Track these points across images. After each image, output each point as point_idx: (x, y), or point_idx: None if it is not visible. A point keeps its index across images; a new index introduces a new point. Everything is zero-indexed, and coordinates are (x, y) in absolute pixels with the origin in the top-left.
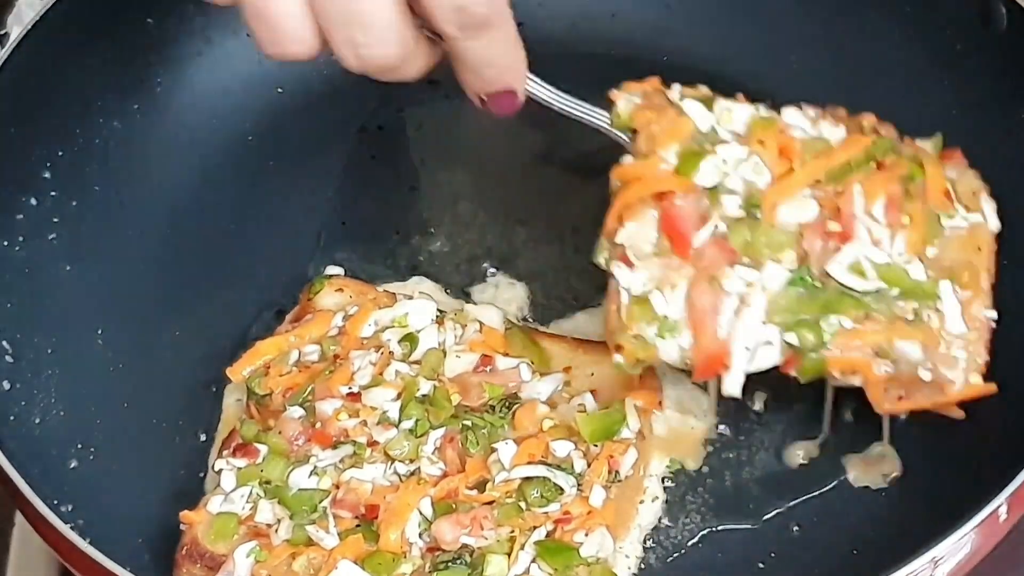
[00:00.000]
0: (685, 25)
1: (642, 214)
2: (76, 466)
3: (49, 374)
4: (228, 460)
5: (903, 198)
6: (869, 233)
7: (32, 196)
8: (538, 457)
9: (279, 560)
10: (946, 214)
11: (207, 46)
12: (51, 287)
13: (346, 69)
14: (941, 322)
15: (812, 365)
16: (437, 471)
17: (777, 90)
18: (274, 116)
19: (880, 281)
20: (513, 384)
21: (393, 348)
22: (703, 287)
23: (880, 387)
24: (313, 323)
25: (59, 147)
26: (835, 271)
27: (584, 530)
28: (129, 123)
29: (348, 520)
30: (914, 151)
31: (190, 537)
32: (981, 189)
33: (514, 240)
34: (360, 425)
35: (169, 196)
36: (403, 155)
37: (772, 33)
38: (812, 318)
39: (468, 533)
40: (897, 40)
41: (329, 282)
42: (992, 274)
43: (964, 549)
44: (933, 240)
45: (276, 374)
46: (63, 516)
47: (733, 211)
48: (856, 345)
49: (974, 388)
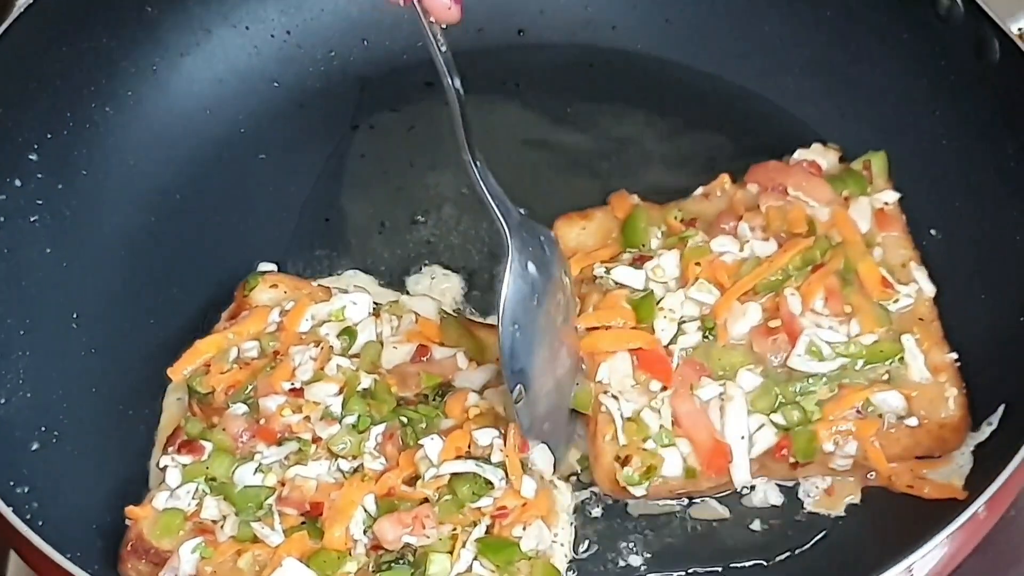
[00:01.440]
0: (684, 40)
1: (614, 354)
2: (37, 448)
3: (19, 355)
4: (173, 457)
5: (841, 289)
6: (817, 324)
7: (17, 177)
8: (464, 450)
9: (224, 557)
10: (889, 300)
11: (205, 36)
12: (29, 269)
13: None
14: (910, 372)
15: (804, 440)
16: (379, 466)
17: (771, 111)
18: (268, 109)
19: (842, 358)
20: (450, 373)
21: (332, 342)
22: (684, 395)
23: (877, 448)
24: (250, 320)
25: (48, 130)
26: (796, 363)
27: (522, 523)
28: (122, 109)
29: (293, 517)
30: (848, 235)
31: (135, 533)
32: (910, 258)
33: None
34: (303, 421)
35: (156, 185)
36: (393, 155)
37: (769, 54)
38: (792, 401)
39: (410, 532)
40: (893, 68)
41: (263, 278)
42: (939, 327)
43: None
44: (882, 324)
45: (217, 372)
46: (17, 498)
47: (691, 340)
48: (840, 411)
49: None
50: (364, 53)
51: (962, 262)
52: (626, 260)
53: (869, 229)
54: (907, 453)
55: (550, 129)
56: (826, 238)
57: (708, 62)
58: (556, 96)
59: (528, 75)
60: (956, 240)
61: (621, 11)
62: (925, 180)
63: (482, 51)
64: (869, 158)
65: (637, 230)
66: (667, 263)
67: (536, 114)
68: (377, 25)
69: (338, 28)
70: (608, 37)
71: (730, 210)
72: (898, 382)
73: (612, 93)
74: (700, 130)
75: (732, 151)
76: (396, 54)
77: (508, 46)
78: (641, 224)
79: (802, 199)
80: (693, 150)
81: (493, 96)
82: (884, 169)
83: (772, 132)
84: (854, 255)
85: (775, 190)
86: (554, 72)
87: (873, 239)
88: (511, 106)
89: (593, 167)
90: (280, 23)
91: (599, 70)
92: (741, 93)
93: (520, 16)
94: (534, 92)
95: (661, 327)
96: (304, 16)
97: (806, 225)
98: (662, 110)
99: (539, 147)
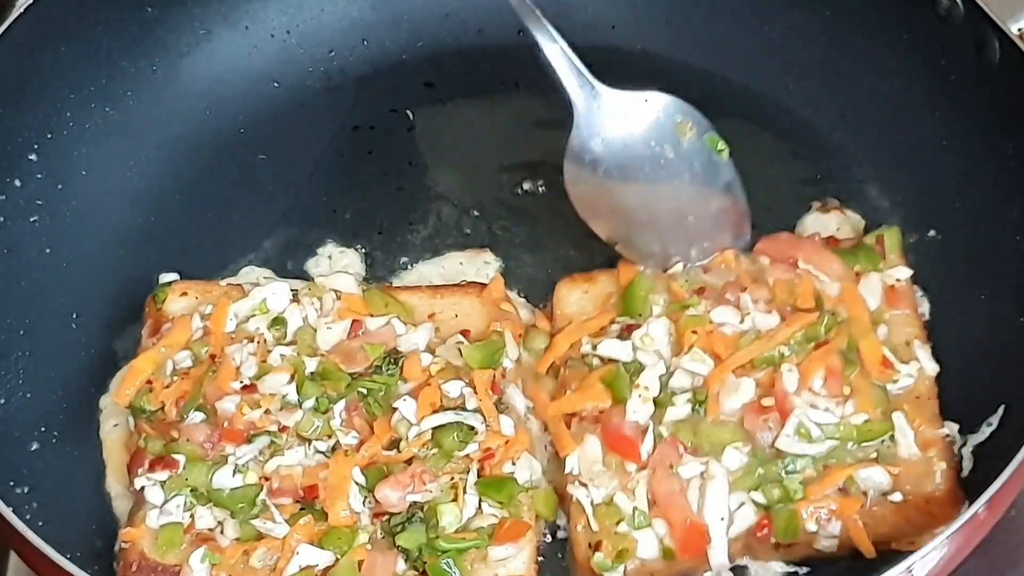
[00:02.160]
0: (684, 41)
1: (584, 440)
2: (37, 448)
3: (19, 355)
4: (148, 476)
5: (843, 368)
6: (812, 405)
7: (17, 177)
8: (438, 404)
9: (235, 559)
10: (889, 381)
11: (205, 37)
12: (28, 269)
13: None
14: (899, 448)
15: (785, 520)
16: (353, 440)
17: (772, 111)
18: (268, 110)
19: (831, 440)
20: (391, 340)
21: (266, 335)
22: (662, 476)
23: (860, 527)
24: (175, 330)
25: (48, 130)
26: (783, 444)
27: (510, 459)
28: (122, 110)
29: (290, 506)
30: (855, 312)
31: (137, 553)
32: (915, 335)
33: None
34: (265, 415)
35: (156, 185)
36: (393, 155)
37: (770, 55)
38: (774, 479)
39: (412, 491)
40: (893, 68)
41: (171, 288)
42: (935, 404)
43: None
44: (878, 406)
45: (160, 387)
46: (17, 498)
47: (680, 412)
48: (823, 490)
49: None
50: (364, 53)
51: (962, 262)
52: (614, 332)
53: (878, 306)
54: (896, 532)
55: (549, 128)
56: (832, 315)
57: (708, 62)
58: (556, 96)
59: (528, 75)
60: (955, 240)
61: (621, 11)
62: (925, 180)
63: (482, 51)
64: (883, 233)
65: (636, 299)
66: (656, 331)
67: (535, 114)
68: (376, 25)
69: (338, 28)
70: (608, 36)
71: (736, 281)
72: (886, 459)
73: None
74: None
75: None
76: (396, 54)
77: (508, 46)
78: (641, 292)
79: (812, 272)
80: None
81: (493, 96)
82: (898, 244)
83: (772, 132)
84: (858, 332)
85: (785, 262)
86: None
87: (881, 316)
88: (510, 106)
89: None
90: (280, 23)
91: (599, 70)
92: (741, 92)
93: (517, 16)
94: (534, 92)
95: (633, 408)
96: (304, 16)
97: (813, 300)
98: None
99: (538, 145)
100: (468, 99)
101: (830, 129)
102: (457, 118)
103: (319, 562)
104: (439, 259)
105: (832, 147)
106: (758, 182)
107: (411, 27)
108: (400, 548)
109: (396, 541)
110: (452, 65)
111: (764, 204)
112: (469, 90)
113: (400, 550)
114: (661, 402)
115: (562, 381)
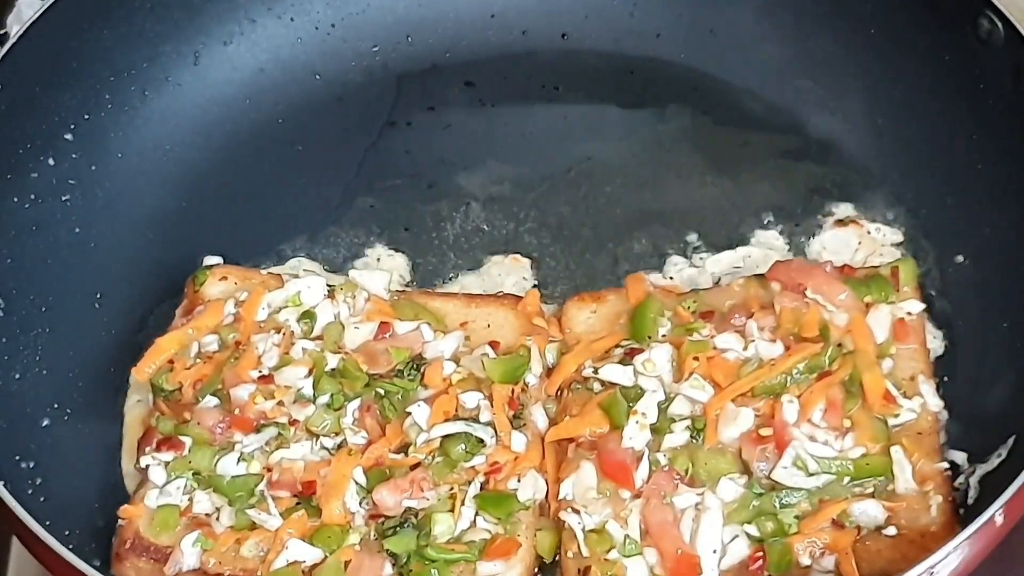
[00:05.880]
0: (727, 53)
1: (579, 467)
2: (47, 425)
3: (39, 332)
4: (153, 455)
5: (844, 401)
6: (811, 437)
7: (51, 156)
8: (452, 413)
9: (226, 546)
10: (891, 415)
11: (249, 26)
12: (56, 247)
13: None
14: (896, 483)
15: (778, 553)
16: (362, 440)
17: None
18: (307, 101)
19: (828, 474)
20: (417, 346)
21: (293, 327)
22: (656, 504)
23: (852, 564)
24: (207, 313)
25: (86, 111)
26: (779, 476)
27: (515, 476)
28: (161, 94)
29: (287, 499)
30: (860, 343)
31: (132, 531)
32: (920, 371)
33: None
34: (277, 406)
35: (190, 171)
36: (426, 153)
37: (811, 74)
38: (769, 512)
39: (409, 496)
40: (932, 89)
41: (212, 271)
42: (936, 440)
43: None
44: (878, 441)
45: (181, 368)
46: (21, 472)
47: (678, 439)
48: (817, 523)
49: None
50: (407, 50)
51: (986, 289)
52: (617, 356)
53: (886, 339)
54: (892, 567)
55: (587, 135)
56: (838, 346)
57: (749, 77)
58: (596, 104)
59: (569, 79)
60: (981, 267)
61: (666, 20)
62: (956, 205)
63: (525, 53)
64: (898, 264)
65: (646, 322)
66: (658, 357)
67: (574, 120)
68: (421, 22)
69: (382, 24)
70: (652, 45)
71: (743, 306)
72: (882, 494)
73: (652, 101)
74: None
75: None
76: (438, 52)
77: (551, 49)
78: (651, 315)
79: (821, 302)
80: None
81: (534, 98)
82: (913, 277)
83: (808, 150)
84: (863, 365)
85: (794, 290)
86: (595, 77)
87: (887, 350)
88: (550, 110)
89: (628, 174)
90: (325, 16)
91: (640, 78)
92: (780, 109)
93: (565, 20)
94: (574, 96)
95: (630, 435)
96: (350, 10)
97: (818, 330)
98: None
99: (575, 152)
100: (508, 101)
101: (864, 148)
102: (496, 119)
103: (307, 558)
104: (481, 270)
105: (864, 167)
106: (791, 198)
107: (455, 26)
108: (389, 552)
109: (385, 544)
110: (494, 66)
111: (793, 220)
112: (509, 92)
113: (388, 554)
114: (659, 429)
115: (564, 404)
